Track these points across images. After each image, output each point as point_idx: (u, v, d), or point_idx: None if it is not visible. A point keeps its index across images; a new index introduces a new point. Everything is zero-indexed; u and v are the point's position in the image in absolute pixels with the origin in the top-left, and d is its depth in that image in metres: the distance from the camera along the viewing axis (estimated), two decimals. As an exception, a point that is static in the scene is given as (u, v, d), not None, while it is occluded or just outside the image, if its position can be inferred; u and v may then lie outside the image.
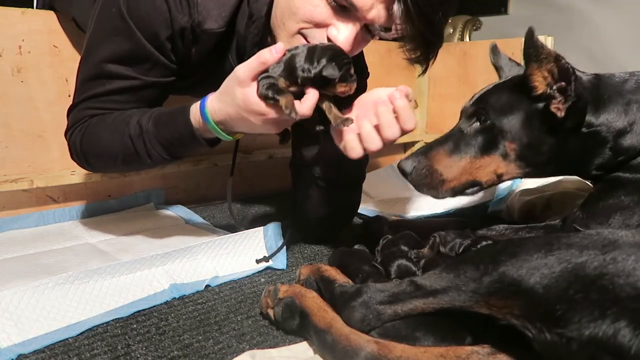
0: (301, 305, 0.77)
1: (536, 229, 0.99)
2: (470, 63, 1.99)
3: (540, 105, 0.88)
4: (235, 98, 0.81)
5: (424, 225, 1.22)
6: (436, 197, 0.98)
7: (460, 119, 1.01)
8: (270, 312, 0.80)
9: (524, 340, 0.60)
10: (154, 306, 0.86)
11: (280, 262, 1.04)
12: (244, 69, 0.80)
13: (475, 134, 0.95)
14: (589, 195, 0.96)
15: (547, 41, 1.70)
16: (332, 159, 1.01)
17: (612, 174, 0.90)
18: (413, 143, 2.19)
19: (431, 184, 0.96)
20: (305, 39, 0.88)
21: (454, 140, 0.97)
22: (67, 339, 0.76)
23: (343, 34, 0.86)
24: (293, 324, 0.77)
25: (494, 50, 1.13)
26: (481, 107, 0.95)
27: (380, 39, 0.95)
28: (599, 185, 0.94)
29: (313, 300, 0.77)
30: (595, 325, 0.52)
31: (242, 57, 1.01)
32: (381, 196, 1.68)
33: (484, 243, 0.92)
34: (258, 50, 0.96)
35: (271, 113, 0.80)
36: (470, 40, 3.78)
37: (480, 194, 1.39)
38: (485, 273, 0.62)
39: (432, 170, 0.96)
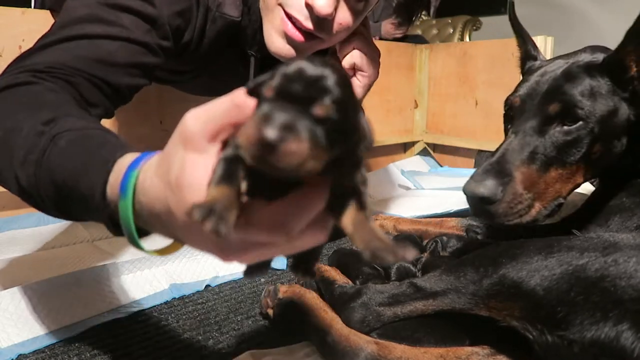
0: (301, 306, 0.77)
1: (536, 230, 0.97)
2: (470, 63, 1.99)
3: (626, 94, 0.78)
4: (171, 169, 0.39)
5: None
6: (520, 224, 0.80)
7: (517, 116, 0.83)
8: (270, 312, 0.80)
9: (524, 341, 0.60)
10: (154, 306, 0.86)
11: (280, 262, 1.04)
12: (199, 123, 0.38)
13: (560, 137, 0.79)
14: (590, 195, 0.94)
15: (547, 41, 1.70)
16: None
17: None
18: (413, 143, 2.19)
19: (520, 211, 0.78)
20: (284, 9, 0.82)
21: (534, 147, 0.79)
22: (67, 339, 0.76)
23: None
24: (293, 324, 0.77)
25: (512, 8, 0.98)
26: (571, 105, 0.78)
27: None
28: (601, 186, 0.93)
29: (313, 301, 0.77)
30: (597, 328, 0.52)
31: (244, 50, 0.95)
32: (381, 196, 1.68)
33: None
34: (259, 38, 0.87)
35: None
36: (470, 40, 3.78)
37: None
38: (485, 275, 0.62)
39: (521, 192, 0.78)
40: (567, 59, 0.86)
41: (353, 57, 0.93)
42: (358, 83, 0.96)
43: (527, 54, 0.95)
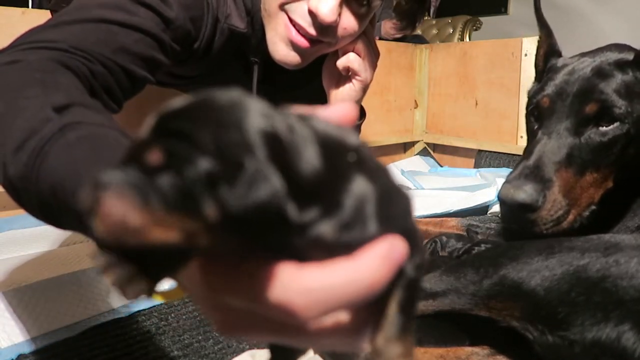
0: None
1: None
2: (470, 63, 1.98)
3: None
4: None
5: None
6: (555, 233, 0.75)
7: (546, 116, 0.80)
8: (271, 312, 0.80)
9: (524, 341, 0.60)
10: (154, 306, 0.86)
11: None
12: None
13: (596, 139, 0.75)
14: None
15: (547, 41, 1.70)
16: None
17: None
18: (413, 143, 2.19)
19: (559, 218, 0.74)
20: (287, 15, 0.81)
21: (570, 150, 0.76)
22: (67, 339, 0.75)
23: (325, 3, 0.76)
24: (293, 324, 0.77)
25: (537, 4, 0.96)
26: (609, 104, 0.75)
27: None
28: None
29: (313, 301, 0.77)
30: (598, 329, 0.52)
31: (247, 57, 0.94)
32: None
33: (483, 246, 0.91)
34: (263, 47, 0.87)
35: None
36: (470, 40, 3.79)
37: (481, 193, 1.39)
38: (485, 276, 0.62)
39: (560, 198, 0.74)
40: (592, 56, 0.83)
41: (349, 61, 0.92)
42: (352, 87, 0.95)
43: (551, 48, 0.91)
